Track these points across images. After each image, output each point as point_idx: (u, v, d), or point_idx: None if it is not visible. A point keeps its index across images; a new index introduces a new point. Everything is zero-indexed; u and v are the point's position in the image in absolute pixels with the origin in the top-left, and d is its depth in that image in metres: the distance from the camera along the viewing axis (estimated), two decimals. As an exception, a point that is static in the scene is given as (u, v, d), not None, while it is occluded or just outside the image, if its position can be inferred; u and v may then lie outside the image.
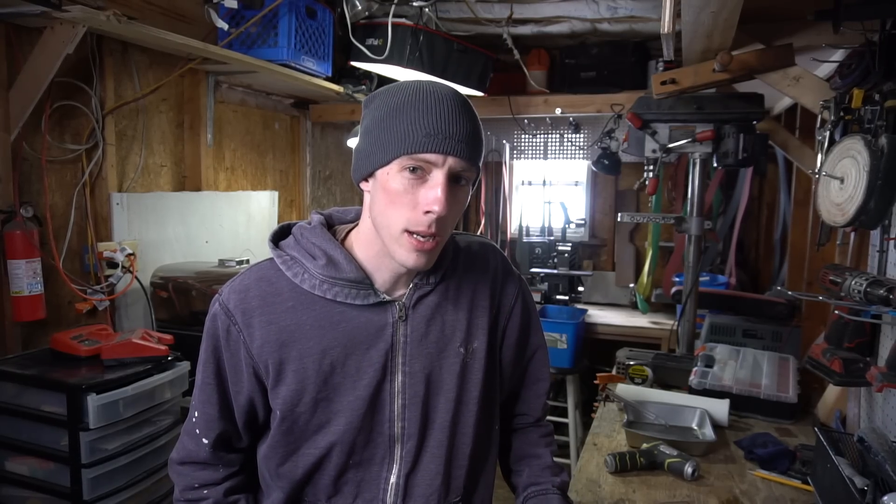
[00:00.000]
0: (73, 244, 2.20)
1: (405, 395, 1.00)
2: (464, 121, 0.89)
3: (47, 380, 1.80)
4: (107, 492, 1.82)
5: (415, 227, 0.89)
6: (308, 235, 1.00)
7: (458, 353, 1.03)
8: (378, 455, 1.01)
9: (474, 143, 0.91)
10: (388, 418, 1.00)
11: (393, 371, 0.99)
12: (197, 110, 2.73)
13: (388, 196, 0.90)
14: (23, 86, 1.91)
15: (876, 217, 1.42)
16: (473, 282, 1.06)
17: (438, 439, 1.02)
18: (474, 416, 1.05)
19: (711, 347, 2.24)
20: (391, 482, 1.01)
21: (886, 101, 1.43)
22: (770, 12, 1.89)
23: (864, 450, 1.31)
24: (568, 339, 3.29)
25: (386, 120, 0.90)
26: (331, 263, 0.96)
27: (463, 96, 0.93)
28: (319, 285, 0.96)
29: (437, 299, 1.02)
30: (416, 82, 0.93)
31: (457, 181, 0.91)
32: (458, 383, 1.03)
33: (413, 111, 0.88)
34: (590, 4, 3.11)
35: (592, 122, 4.12)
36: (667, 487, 1.51)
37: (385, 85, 1.00)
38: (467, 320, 1.04)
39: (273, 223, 3.29)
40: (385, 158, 0.89)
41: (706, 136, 2.21)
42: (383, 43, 2.91)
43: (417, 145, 0.87)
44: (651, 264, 3.76)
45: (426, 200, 0.88)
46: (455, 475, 1.05)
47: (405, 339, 1.00)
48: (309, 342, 0.96)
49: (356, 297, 0.97)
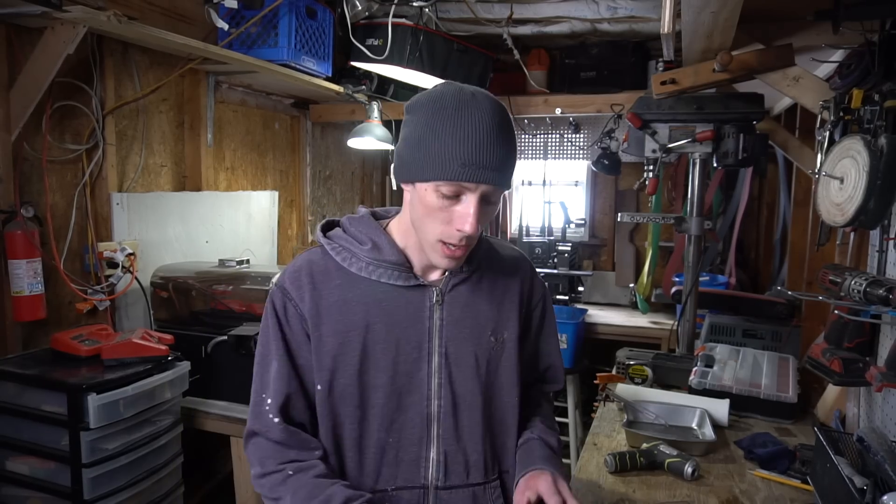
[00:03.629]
0: (74, 244, 2.20)
1: (441, 374, 1.08)
2: (498, 147, 0.95)
3: (48, 379, 1.80)
4: (107, 491, 1.82)
5: (447, 239, 1.00)
6: (356, 224, 1.11)
7: (489, 342, 1.12)
8: (416, 434, 1.07)
9: (506, 167, 0.98)
10: (425, 396, 1.07)
11: (430, 351, 1.08)
12: (197, 110, 2.73)
13: (425, 209, 0.99)
14: (23, 86, 1.91)
15: (875, 217, 1.42)
16: (505, 280, 1.16)
17: (474, 419, 1.10)
18: (505, 400, 1.13)
19: (711, 347, 2.24)
20: (431, 459, 1.08)
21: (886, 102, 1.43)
22: (770, 12, 1.89)
23: (864, 449, 1.32)
24: (568, 339, 3.29)
25: (426, 139, 0.96)
26: (375, 247, 1.07)
27: (502, 113, 0.98)
28: (366, 267, 1.06)
29: (470, 288, 1.12)
30: (458, 95, 0.97)
31: (487, 202, 0.99)
32: (490, 369, 1.12)
33: (451, 138, 0.94)
34: (590, 4, 3.11)
35: (592, 122, 4.12)
36: (667, 487, 1.51)
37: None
38: (498, 312, 1.13)
39: (273, 223, 3.29)
40: (423, 177, 0.97)
41: (706, 136, 2.21)
42: (383, 43, 2.91)
43: (453, 174, 0.94)
44: (651, 264, 3.76)
45: (459, 220, 0.97)
46: (491, 455, 1.13)
47: (441, 321, 1.08)
48: (354, 316, 1.05)
49: (398, 278, 1.07)
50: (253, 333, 2.05)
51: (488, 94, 1.00)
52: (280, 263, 3.35)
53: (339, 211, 3.95)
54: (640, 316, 3.85)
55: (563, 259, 3.76)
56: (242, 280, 2.24)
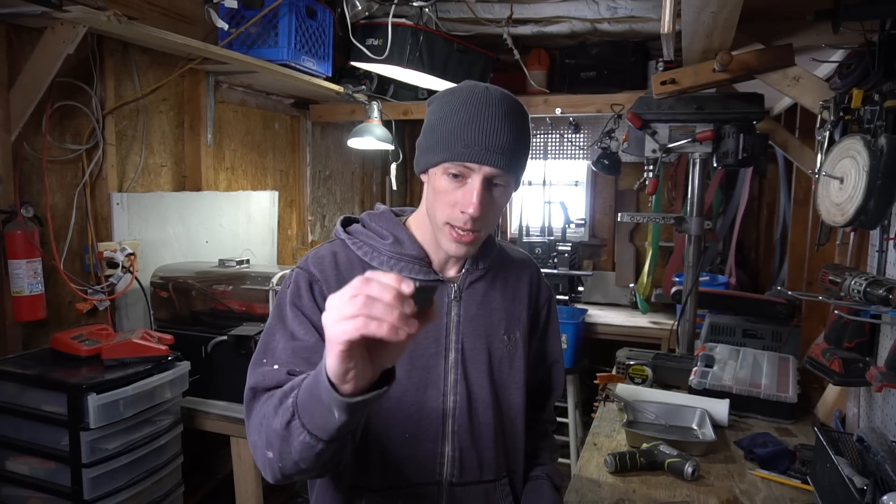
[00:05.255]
0: (74, 244, 2.20)
1: (457, 370, 1.08)
2: (505, 131, 0.98)
3: (48, 380, 1.80)
4: (107, 491, 1.82)
5: (454, 222, 1.01)
6: (376, 220, 1.13)
7: (502, 340, 1.13)
8: (432, 430, 1.07)
9: (512, 152, 0.99)
10: (441, 392, 1.07)
11: (447, 347, 1.08)
12: (197, 110, 2.73)
13: (435, 192, 1.02)
14: (23, 86, 1.91)
15: (875, 217, 1.42)
16: (515, 280, 1.19)
17: (487, 417, 1.10)
18: (515, 399, 1.14)
19: (711, 347, 2.24)
20: (447, 455, 1.08)
21: (886, 102, 1.43)
22: (770, 12, 1.89)
23: (864, 449, 1.32)
24: (568, 339, 3.29)
25: (438, 125, 1.01)
26: (397, 242, 1.09)
27: (512, 103, 1.01)
28: (387, 261, 1.08)
29: (485, 286, 1.14)
30: (471, 88, 1.02)
31: (493, 184, 1.01)
32: (503, 367, 1.13)
33: (458, 121, 0.98)
34: (590, 4, 3.11)
35: (592, 122, 4.12)
36: (667, 487, 1.51)
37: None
38: (510, 311, 1.15)
39: (273, 223, 3.29)
40: (433, 160, 1.01)
41: (706, 136, 2.21)
42: (383, 43, 2.91)
43: (457, 154, 0.97)
44: (651, 264, 3.76)
45: (463, 201, 0.99)
46: (502, 452, 1.14)
47: (458, 318, 1.10)
48: None
49: (418, 272, 1.08)
50: (253, 333, 2.05)
51: (505, 91, 1.03)
52: (280, 263, 3.35)
53: (340, 211, 3.95)
54: (640, 316, 3.85)
55: (563, 259, 3.76)
56: (242, 280, 2.24)
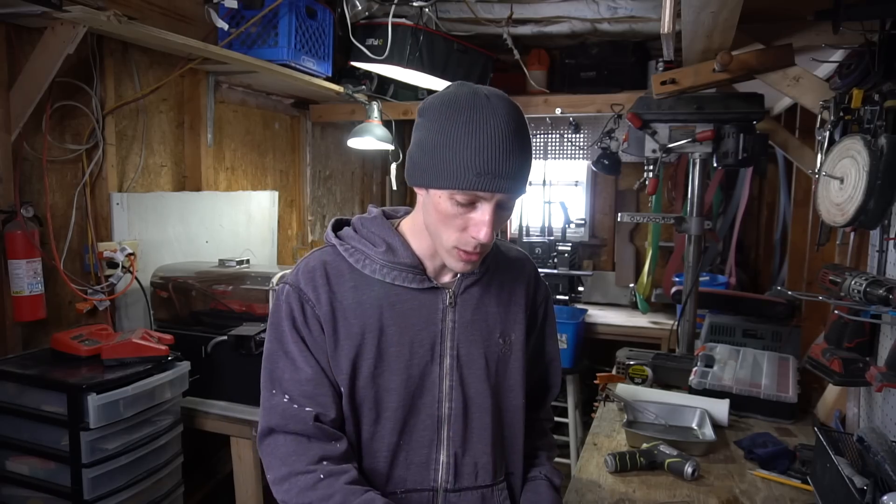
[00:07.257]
0: (74, 244, 2.20)
1: (452, 377, 1.08)
2: (514, 155, 0.94)
3: (48, 380, 1.80)
4: (107, 491, 1.82)
5: (463, 246, 0.99)
6: (368, 225, 1.10)
7: (497, 343, 1.12)
8: (427, 437, 1.07)
9: (522, 174, 0.97)
10: (436, 399, 1.07)
11: (442, 354, 1.07)
12: (197, 110, 2.73)
13: (440, 216, 0.98)
14: (23, 86, 1.91)
15: (875, 217, 1.42)
16: (512, 281, 1.16)
17: (484, 422, 1.10)
18: (514, 402, 1.14)
19: (711, 347, 2.24)
20: (441, 462, 1.08)
21: (886, 102, 1.43)
22: (770, 12, 1.89)
23: (864, 449, 1.32)
24: (568, 339, 3.29)
25: (441, 146, 0.94)
26: (390, 250, 1.06)
27: (517, 118, 0.97)
28: (380, 269, 1.06)
29: (481, 290, 1.12)
30: (472, 99, 0.95)
31: (503, 208, 0.99)
32: (499, 371, 1.12)
33: (466, 148, 0.92)
34: (590, 4, 3.11)
35: (592, 122, 4.12)
36: (667, 487, 1.51)
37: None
38: (506, 314, 1.14)
39: (273, 223, 3.29)
40: (436, 183, 0.96)
41: (706, 136, 2.21)
42: (383, 43, 2.91)
43: (468, 183, 0.93)
44: (651, 264, 3.76)
45: (474, 228, 0.97)
46: (500, 457, 1.13)
47: (453, 324, 1.08)
48: (369, 319, 1.04)
49: (412, 280, 1.06)
50: (253, 333, 2.05)
51: (503, 96, 0.97)
52: (280, 263, 3.35)
53: (339, 211, 3.95)
54: (640, 316, 3.85)
55: (563, 259, 3.76)
56: (242, 280, 2.24)
